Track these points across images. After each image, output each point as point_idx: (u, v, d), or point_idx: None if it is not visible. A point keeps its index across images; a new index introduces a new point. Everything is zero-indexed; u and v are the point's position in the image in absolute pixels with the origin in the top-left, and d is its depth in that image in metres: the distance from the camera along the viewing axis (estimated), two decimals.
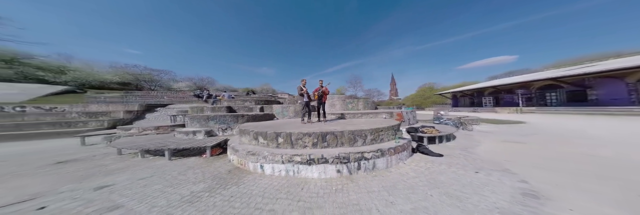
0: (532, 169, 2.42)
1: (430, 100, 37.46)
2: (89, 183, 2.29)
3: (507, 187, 1.93)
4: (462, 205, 1.61)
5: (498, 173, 2.32)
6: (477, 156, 3.12)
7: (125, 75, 21.04)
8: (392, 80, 49.59)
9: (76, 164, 3.20)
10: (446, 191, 1.89)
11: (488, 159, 2.92)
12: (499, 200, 1.68)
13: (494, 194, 1.80)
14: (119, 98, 11.88)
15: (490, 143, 4.16)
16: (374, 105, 8.85)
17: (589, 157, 2.87)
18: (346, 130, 2.87)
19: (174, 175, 2.53)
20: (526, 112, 14.25)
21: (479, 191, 1.86)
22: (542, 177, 2.18)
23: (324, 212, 1.60)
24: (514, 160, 2.82)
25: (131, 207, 1.67)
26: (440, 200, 1.72)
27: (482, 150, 3.51)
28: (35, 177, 2.58)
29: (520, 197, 1.74)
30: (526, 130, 5.74)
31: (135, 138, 4.36)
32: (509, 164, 2.63)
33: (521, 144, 3.94)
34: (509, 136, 4.93)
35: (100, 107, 9.02)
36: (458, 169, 2.50)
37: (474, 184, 2.03)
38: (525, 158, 2.94)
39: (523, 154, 3.21)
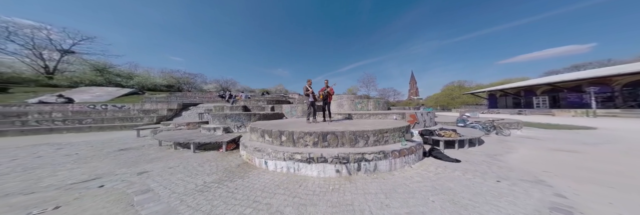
0: (578, 183, 1.94)
1: (460, 101, 32.82)
2: (135, 168, 2.89)
3: (534, 200, 1.61)
4: (467, 214, 1.42)
5: (527, 184, 1.94)
6: (505, 164, 2.65)
7: (170, 79, 25.49)
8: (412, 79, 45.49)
9: (131, 151, 4.06)
10: (452, 198, 1.69)
11: (519, 168, 2.45)
12: (516, 213, 1.42)
13: (512, 206, 1.53)
14: (164, 98, 14.50)
15: (529, 150, 3.44)
16: (387, 105, 8.31)
17: None
18: (347, 130, 2.83)
19: (195, 166, 2.97)
20: (602, 116, 11.07)
21: (494, 201, 1.61)
22: (590, 192, 1.74)
23: (316, 209, 1.64)
24: (555, 172, 2.30)
25: (157, 191, 2.05)
26: (442, 206, 1.55)
27: (513, 158, 2.95)
28: (105, 160, 3.40)
29: (547, 211, 1.44)
30: (592, 138, 4.50)
31: (172, 132, 5.26)
32: (547, 175, 2.16)
33: (575, 154, 3.14)
34: (561, 144, 3.97)
35: (152, 105, 11.19)
36: (474, 177, 2.18)
37: (490, 194, 1.76)
38: (573, 170, 2.36)
39: (572, 165, 2.58)
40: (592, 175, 2.17)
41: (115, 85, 20.22)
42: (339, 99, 8.14)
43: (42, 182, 2.35)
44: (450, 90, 36.53)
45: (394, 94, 44.53)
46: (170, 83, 25.00)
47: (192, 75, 28.47)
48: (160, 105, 11.13)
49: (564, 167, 2.51)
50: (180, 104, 11.61)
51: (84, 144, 5.00)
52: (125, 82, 21.47)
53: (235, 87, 30.84)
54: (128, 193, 2.01)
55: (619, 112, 10.92)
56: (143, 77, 23.29)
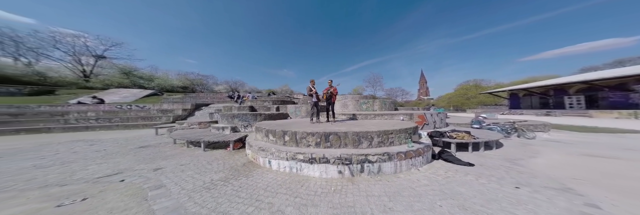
0: (616, 194, 1.69)
1: (476, 101, 30.48)
2: (152, 164, 3.13)
3: (559, 209, 1.43)
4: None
5: (552, 191, 1.73)
6: (527, 169, 2.40)
7: (185, 81, 27.34)
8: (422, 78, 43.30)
9: (149, 149, 4.41)
10: (462, 204, 1.57)
11: (543, 174, 2.20)
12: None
13: (531, 214, 1.35)
14: (180, 99, 15.57)
15: (556, 155, 3.08)
16: (394, 105, 8.02)
17: None
18: (351, 131, 2.78)
19: (204, 164, 3.13)
20: None
21: (510, 208, 1.46)
22: (631, 204, 1.50)
23: (317, 210, 1.63)
24: (587, 179, 2.03)
25: (169, 187, 2.19)
26: (450, 211, 1.45)
27: (537, 163, 2.66)
28: (127, 156, 3.74)
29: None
30: (637, 143, 3.87)
31: (185, 131, 5.62)
32: (576, 183, 1.91)
33: (616, 160, 2.73)
34: (598, 149, 3.50)
35: (169, 105, 12.09)
36: (489, 182, 2.01)
37: (507, 200, 1.60)
38: (612, 179, 2.06)
39: (610, 173, 2.25)
40: (632, 184, 1.87)
41: (138, 87, 22.25)
42: (344, 99, 8.04)
43: (75, 175, 2.65)
44: (465, 89, 34.15)
45: (402, 94, 42.83)
46: (185, 84, 26.81)
47: (205, 76, 30.31)
48: (176, 106, 11.99)
49: (600, 174, 2.20)
50: (193, 104, 12.38)
51: (111, 141, 5.55)
52: (147, 84, 23.49)
53: (244, 87, 32.14)
54: (144, 188, 2.18)
55: None
56: (162, 79, 25.25)
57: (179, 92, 23.83)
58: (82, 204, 1.81)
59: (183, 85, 26.36)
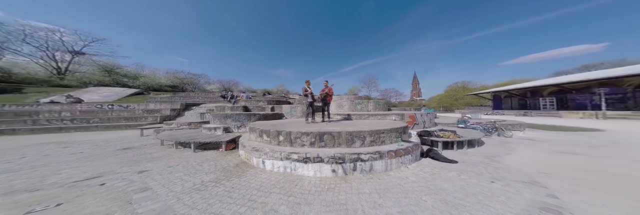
0: (573, 185, 1.92)
1: (463, 102, 32.36)
2: (136, 167, 2.98)
3: (525, 200, 1.61)
4: (457, 213, 1.43)
5: (521, 185, 1.93)
6: (502, 165, 2.62)
7: (175, 79, 26.02)
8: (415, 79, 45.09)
9: (133, 150, 4.18)
10: (444, 198, 1.69)
11: (516, 170, 2.43)
12: (505, 212, 1.43)
13: (502, 206, 1.53)
14: (168, 98, 14.84)
15: (529, 152, 3.39)
16: (387, 106, 8.29)
17: None
18: (344, 131, 2.86)
19: (194, 165, 3.04)
20: (612, 118, 10.75)
21: (485, 201, 1.62)
22: (584, 194, 1.72)
23: (311, 208, 1.67)
24: (552, 173, 2.27)
25: (156, 190, 2.10)
26: (433, 206, 1.56)
27: (512, 160, 2.91)
28: (108, 159, 3.51)
29: (537, 211, 1.44)
30: (598, 141, 4.39)
31: (174, 132, 5.38)
32: (543, 177, 2.14)
33: (577, 156, 3.08)
34: (564, 146, 3.89)
35: (156, 105, 11.47)
36: (470, 177, 2.18)
37: (483, 194, 1.76)
38: (572, 172, 2.32)
39: (571, 167, 2.53)
40: (590, 178, 2.13)
41: (121, 85, 20.80)
42: (339, 100, 8.16)
43: (46, 179, 2.45)
44: (454, 91, 36.07)
45: (395, 95, 44.19)
46: (174, 83, 25.50)
47: (196, 75, 29.05)
48: (163, 105, 11.41)
49: (562, 169, 2.47)
50: (183, 104, 11.86)
51: (90, 143, 5.16)
52: (131, 82, 22.02)
53: (238, 87, 31.25)
54: (127, 191, 2.08)
55: (630, 114, 10.57)
56: (149, 77, 23.84)
57: (167, 91, 22.67)
58: (56, 210, 1.69)
59: (172, 84, 25.06)
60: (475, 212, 1.45)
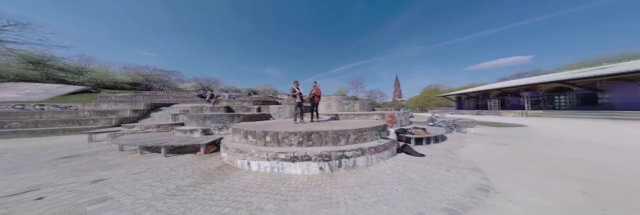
0: (500, 169, 2.51)
1: (435, 102, 36.92)
2: (86, 177, 2.51)
3: (468, 183, 2.03)
4: (419, 198, 1.74)
5: (467, 171, 2.41)
6: (457, 157, 3.19)
7: (137, 76, 22.07)
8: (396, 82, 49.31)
9: (80, 159, 3.47)
10: (411, 186, 2.00)
11: (465, 159, 2.99)
12: (453, 194, 1.80)
13: (452, 189, 1.91)
14: (128, 97, 12.54)
15: (477, 145, 4.18)
16: (372, 106, 8.92)
17: (563, 160, 2.91)
18: (331, 130, 3.01)
19: (166, 170, 2.73)
20: (532, 116, 13.88)
21: (441, 186, 1.97)
22: (505, 175, 2.27)
23: (297, 204, 1.74)
24: (489, 161, 2.89)
25: (118, 199, 1.85)
26: (402, 194, 1.84)
27: (464, 152, 3.56)
28: (42, 170, 2.84)
29: (474, 191, 1.85)
30: (520, 134, 5.69)
31: (138, 135, 4.65)
32: (482, 164, 2.71)
33: (506, 146, 3.96)
34: (499, 139, 4.92)
35: (111, 106, 9.58)
36: (432, 168, 2.59)
37: (440, 181, 2.13)
38: (501, 159, 3.00)
39: (501, 155, 3.26)
40: (509, 163, 2.81)
41: (57, 81, 16.62)
42: (328, 100, 8.39)
43: None
44: (427, 93, 40.87)
45: (380, 96, 47.27)
46: (136, 80, 21.62)
47: (165, 72, 25.22)
48: (121, 106, 9.64)
49: (495, 157, 3.16)
50: (149, 104, 10.22)
51: (8, 152, 4.04)
52: (72, 78, 17.76)
53: (218, 86, 28.44)
54: (78, 204, 1.76)
55: (542, 112, 13.97)
56: (98, 73, 19.60)
57: (126, 89, 19.14)
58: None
59: (133, 81, 21.20)
60: (433, 196, 1.77)
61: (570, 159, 2.95)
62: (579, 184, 1.99)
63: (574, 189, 1.86)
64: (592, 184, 1.97)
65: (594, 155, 3.10)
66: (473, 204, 1.61)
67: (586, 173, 2.30)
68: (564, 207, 1.54)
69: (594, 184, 1.97)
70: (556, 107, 15.20)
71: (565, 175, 2.24)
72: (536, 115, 13.92)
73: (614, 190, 1.84)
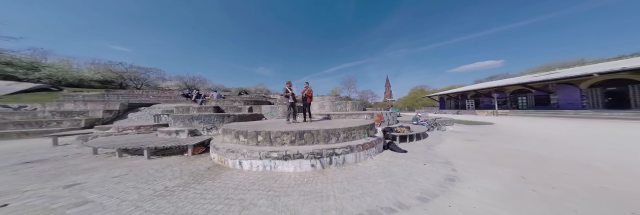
0: (466, 161, 2.90)
1: (421, 103, 39.34)
2: (57, 182, 2.31)
3: (439, 175, 2.34)
4: (398, 189, 1.97)
5: (440, 165, 2.74)
6: (434, 152, 3.57)
7: (108, 73, 19.83)
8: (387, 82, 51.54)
9: (46, 163, 3.13)
10: (393, 179, 2.23)
11: (440, 154, 3.37)
12: (426, 184, 2.07)
13: (426, 180, 2.19)
14: (98, 97, 11.26)
15: (452, 141, 4.68)
16: (363, 106, 9.28)
17: (518, 152, 3.44)
18: (322, 129, 3.15)
19: (151, 172, 2.62)
20: (501, 115, 15.63)
21: (417, 178, 2.25)
22: (469, 166, 2.65)
23: (289, 199, 1.84)
24: (459, 155, 3.30)
25: (100, 202, 1.77)
26: (385, 186, 2.05)
27: (441, 147, 3.97)
28: (4, 176, 2.53)
29: (443, 181, 2.15)
30: (488, 131, 6.45)
31: (114, 138, 4.28)
32: (453, 158, 3.09)
33: (474, 142, 4.50)
34: (470, 136, 5.53)
35: (78, 106, 8.54)
36: (412, 162, 2.89)
37: (417, 173, 2.41)
38: (469, 153, 3.44)
39: (470, 150, 3.73)
40: (475, 156, 3.25)
41: (4, 77, 14.26)
42: (321, 100, 8.53)
43: None
44: (415, 93, 43.43)
45: (371, 96, 48.84)
46: (107, 78, 19.43)
47: (143, 69, 23.05)
48: (92, 106, 8.66)
49: (465, 151, 3.61)
50: (125, 104, 9.33)
51: None
52: (25, 74, 15.36)
53: (205, 85, 26.79)
54: (53, 208, 1.66)
55: (508, 111, 15.89)
56: (59, 68, 17.20)
57: (95, 87, 17.18)
58: None
59: (103, 78, 19.01)
60: (409, 187, 2.01)
61: (522, 151, 3.50)
62: (522, 171, 2.41)
63: (516, 176, 2.26)
64: (531, 171, 2.40)
65: (540, 148, 3.70)
66: (440, 192, 1.87)
67: (529, 163, 2.77)
68: (505, 190, 1.89)
69: (532, 171, 2.40)
70: (519, 106, 17.31)
71: (514, 165, 2.68)
72: (504, 114, 15.72)
73: (545, 175, 2.26)
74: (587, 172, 2.35)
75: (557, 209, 1.51)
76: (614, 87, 11.32)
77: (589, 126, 6.98)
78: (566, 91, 13.57)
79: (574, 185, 1.94)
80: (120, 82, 20.70)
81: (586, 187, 1.89)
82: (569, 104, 13.26)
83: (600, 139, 4.57)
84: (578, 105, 12.75)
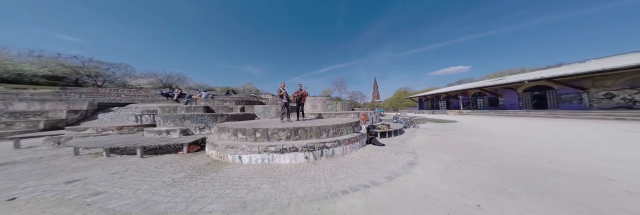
0: (427, 151, 3.72)
1: (404, 103, 42.80)
2: (53, 180, 2.31)
3: (404, 161, 3.03)
4: (373, 172, 2.56)
5: (407, 154, 3.48)
6: (406, 145, 4.36)
7: (59, 68, 16.89)
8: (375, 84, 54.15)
9: (23, 165, 2.94)
10: (370, 166, 2.83)
11: (410, 146, 4.15)
12: (394, 168, 2.72)
13: (394, 165, 2.85)
14: (54, 95, 9.73)
15: (422, 136, 5.63)
16: (352, 106, 10.03)
17: (465, 143, 4.44)
18: (314, 126, 3.63)
19: (151, 168, 2.75)
20: (465, 114, 18.24)
21: (388, 164, 2.89)
22: (427, 155, 3.44)
23: (288, 182, 2.26)
24: (423, 147, 4.13)
25: (114, 192, 1.93)
26: (363, 171, 2.63)
27: (411, 141, 4.82)
28: None
29: (406, 165, 2.84)
30: (451, 127, 7.75)
31: (95, 138, 4.06)
32: (418, 149, 3.90)
33: (438, 136, 5.51)
34: (436, 131, 6.65)
35: (32, 105, 7.36)
36: (387, 153, 3.57)
37: (389, 160, 3.07)
38: (431, 145, 4.31)
39: (433, 142, 4.63)
40: (435, 147, 4.11)
41: None
42: (314, 101, 9.00)
43: None
44: (399, 94, 46.97)
45: (361, 97, 51.21)
46: (57, 73, 16.51)
47: (106, 64, 20.17)
48: (50, 106, 7.57)
49: (429, 144, 4.49)
50: (95, 103, 8.35)
51: None
52: None
53: (186, 84, 24.68)
54: (69, 198, 1.78)
55: (470, 111, 18.73)
56: None
57: (40, 84, 14.51)
58: None
59: (52, 74, 16.14)
60: (381, 170, 2.63)
61: (469, 142, 4.51)
62: (460, 156, 3.25)
63: (455, 159, 3.07)
64: (466, 156, 3.26)
65: (481, 140, 4.80)
66: (402, 172, 2.51)
67: (469, 150, 3.69)
68: (444, 169, 2.63)
69: (467, 156, 3.26)
70: (478, 107, 20.48)
71: (458, 152, 3.55)
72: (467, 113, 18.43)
73: (473, 158, 3.12)
74: (499, 154, 3.30)
75: (470, 178, 2.25)
76: (538, 92, 14.33)
77: (519, 122, 8.88)
78: (509, 94, 16.72)
79: (485, 163, 2.79)
80: (77, 78, 17.85)
81: (492, 164, 2.73)
82: (511, 105, 16.38)
83: (520, 131, 6.04)
84: (516, 106, 15.83)
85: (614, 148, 3.49)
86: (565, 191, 1.81)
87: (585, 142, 4.07)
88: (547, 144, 4.05)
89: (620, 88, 10.01)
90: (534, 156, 3.10)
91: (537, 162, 2.76)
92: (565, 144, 4.01)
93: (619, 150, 3.31)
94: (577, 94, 11.96)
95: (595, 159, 2.87)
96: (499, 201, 1.64)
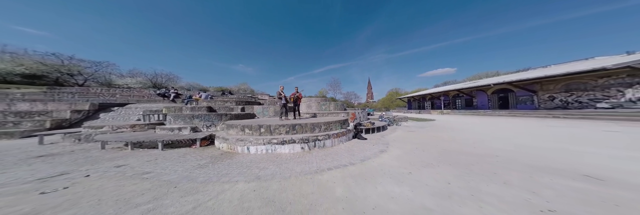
0: (398, 143, 4.66)
1: (395, 103, 44.83)
2: (101, 165, 2.92)
3: (376, 150, 3.94)
4: (352, 157, 3.42)
5: (382, 145, 4.41)
6: (384, 139, 5.32)
7: (37, 66, 15.75)
8: (369, 85, 55.81)
9: (63, 156, 3.47)
10: (351, 153, 3.70)
11: (386, 140, 5.12)
12: (368, 154, 3.61)
13: (369, 152, 3.74)
14: (46, 95, 9.65)
15: (400, 132, 6.65)
16: (344, 106, 10.96)
17: (431, 136, 5.49)
18: (309, 123, 4.45)
19: (176, 157, 3.42)
20: (445, 113, 19.97)
21: (365, 151, 3.78)
22: (396, 145, 4.37)
23: (288, 164, 3.05)
24: (397, 140, 5.11)
25: (159, 171, 2.62)
26: (345, 156, 3.48)
27: (390, 136, 5.80)
28: (35, 165, 2.91)
29: (378, 152, 3.73)
30: (427, 125, 8.92)
31: (114, 135, 4.57)
32: (392, 141, 4.86)
33: (413, 132, 6.57)
34: (413, 128, 7.74)
35: (35, 106, 7.47)
36: (367, 144, 4.48)
37: (366, 149, 3.97)
38: (403, 139, 5.30)
39: (406, 137, 5.64)
40: (405, 140, 5.10)
41: None
42: (309, 101, 9.82)
43: None
44: (391, 95, 48.95)
45: (355, 97, 52.77)
46: (35, 71, 15.45)
47: (89, 63, 19.26)
48: (53, 106, 7.71)
49: (402, 138, 5.48)
50: (96, 104, 8.52)
51: None
52: None
53: (177, 83, 24.29)
54: (128, 176, 2.44)
55: (450, 111, 20.55)
56: None
57: (15, 83, 13.80)
58: (67, 191, 1.90)
59: (31, 72, 15.18)
60: (358, 155, 3.49)
61: (434, 136, 5.57)
62: (420, 145, 4.23)
63: (415, 147, 4.03)
64: (425, 145, 4.24)
65: (446, 134, 5.90)
66: (373, 156, 3.39)
67: (430, 141, 4.70)
68: (403, 154, 3.55)
69: (425, 145, 4.24)
70: (457, 107, 22.44)
71: (421, 143, 4.54)
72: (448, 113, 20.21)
73: (429, 146, 4.09)
74: (448, 144, 4.32)
75: (415, 158, 3.17)
76: (503, 94, 16.40)
77: (484, 121, 10.28)
78: (481, 96, 18.80)
79: (434, 150, 3.77)
80: (58, 77, 16.97)
81: (438, 151, 3.71)
82: (482, 105, 18.47)
83: (479, 127, 7.28)
84: (486, 106, 17.91)
85: (527, 138, 4.68)
86: (465, 162, 2.79)
87: (512, 134, 5.31)
88: (488, 136, 5.21)
89: (559, 91, 12.05)
90: (469, 144, 4.16)
91: (466, 148, 3.79)
92: (499, 135, 5.23)
93: (527, 139, 4.49)
94: (530, 96, 13.92)
95: (506, 145, 3.97)
96: (422, 170, 2.56)
